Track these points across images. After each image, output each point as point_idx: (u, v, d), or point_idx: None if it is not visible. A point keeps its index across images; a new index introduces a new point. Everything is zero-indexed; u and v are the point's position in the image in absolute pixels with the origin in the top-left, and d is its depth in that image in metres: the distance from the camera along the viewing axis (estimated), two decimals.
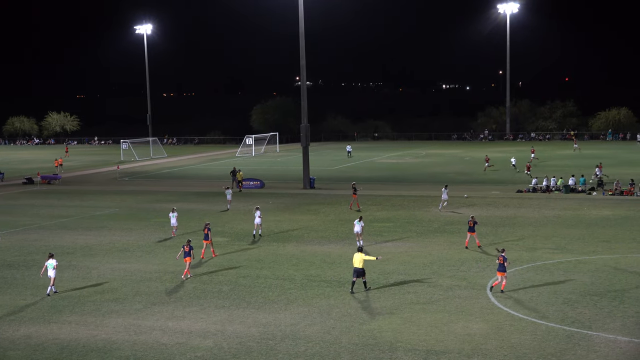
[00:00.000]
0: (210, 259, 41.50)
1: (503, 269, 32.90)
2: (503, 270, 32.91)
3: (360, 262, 33.42)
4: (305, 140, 74.36)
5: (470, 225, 42.80)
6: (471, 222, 42.85)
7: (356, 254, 33.84)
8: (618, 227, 48.47)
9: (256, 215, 47.75)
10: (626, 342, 26.29)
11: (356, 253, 33.99)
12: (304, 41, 74.03)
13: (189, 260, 36.82)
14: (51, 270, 34.19)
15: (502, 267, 32.85)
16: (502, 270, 32.93)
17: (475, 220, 43.09)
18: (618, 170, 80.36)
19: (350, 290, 33.70)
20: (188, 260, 36.81)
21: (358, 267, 33.44)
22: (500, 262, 32.89)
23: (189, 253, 36.69)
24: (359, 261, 33.44)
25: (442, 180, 78.17)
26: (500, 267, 32.95)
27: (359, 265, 33.41)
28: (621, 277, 35.24)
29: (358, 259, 33.49)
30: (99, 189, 76.38)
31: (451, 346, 26.10)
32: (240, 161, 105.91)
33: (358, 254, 33.74)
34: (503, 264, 32.83)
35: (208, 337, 27.74)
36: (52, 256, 34.76)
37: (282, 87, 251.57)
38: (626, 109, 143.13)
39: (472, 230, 42.82)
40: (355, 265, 33.55)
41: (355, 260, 33.58)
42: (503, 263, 32.83)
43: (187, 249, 36.69)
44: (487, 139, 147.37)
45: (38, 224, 54.43)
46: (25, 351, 26.64)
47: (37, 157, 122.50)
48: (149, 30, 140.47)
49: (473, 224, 42.79)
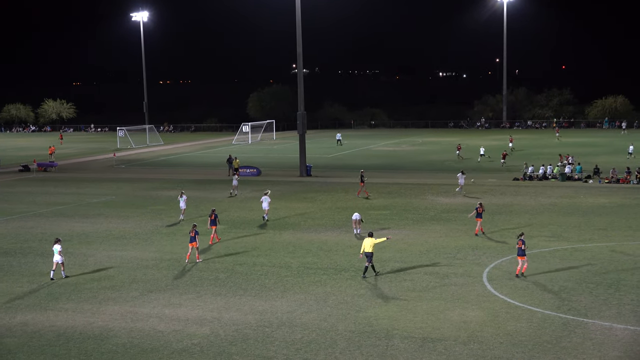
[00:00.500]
0: (215, 244, 41.90)
1: (523, 253, 33.44)
2: (523, 254, 33.43)
3: (371, 247, 33.86)
4: (301, 128, 74.30)
5: (479, 211, 43.11)
6: (480, 209, 43.16)
7: (366, 239, 34.21)
8: (614, 215, 48.55)
9: (264, 200, 48.65)
10: (622, 329, 26.36)
11: (366, 238, 34.34)
12: (300, 29, 73.85)
13: (194, 245, 37.24)
14: (56, 255, 34.39)
15: (522, 251, 33.40)
16: (522, 255, 33.44)
17: (483, 208, 43.52)
18: (614, 159, 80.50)
19: (363, 275, 34.20)
20: (194, 245, 37.28)
21: (368, 252, 33.88)
22: (520, 247, 33.42)
23: (194, 238, 37.11)
24: (369, 245, 33.87)
25: (439, 168, 78.36)
26: (520, 252, 33.45)
27: (369, 250, 33.84)
28: (617, 265, 35.31)
29: (369, 244, 33.92)
30: (96, 177, 76.30)
31: (447, 333, 26.16)
32: (236, 149, 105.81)
33: (369, 239, 34.12)
34: (522, 248, 33.34)
35: (205, 324, 27.77)
36: (57, 241, 34.91)
37: (278, 75, 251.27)
38: (622, 97, 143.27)
39: (479, 217, 43.16)
40: (365, 250, 33.97)
41: (366, 245, 33.99)
42: (522, 247, 33.33)
43: (192, 234, 37.15)
44: (483, 127, 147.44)
45: (34, 211, 54.38)
46: (22, 338, 26.65)
47: (34, 144, 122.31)
48: (145, 18, 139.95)
49: (482, 210, 43.16)
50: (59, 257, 34.42)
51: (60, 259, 34.53)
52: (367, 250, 33.98)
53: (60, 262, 34.60)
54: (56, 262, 34.54)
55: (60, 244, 34.74)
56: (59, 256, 34.41)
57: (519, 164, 72.43)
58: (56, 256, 34.41)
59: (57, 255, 34.38)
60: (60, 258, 34.48)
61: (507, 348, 24.67)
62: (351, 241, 41.89)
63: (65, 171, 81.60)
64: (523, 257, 33.52)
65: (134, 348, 25.46)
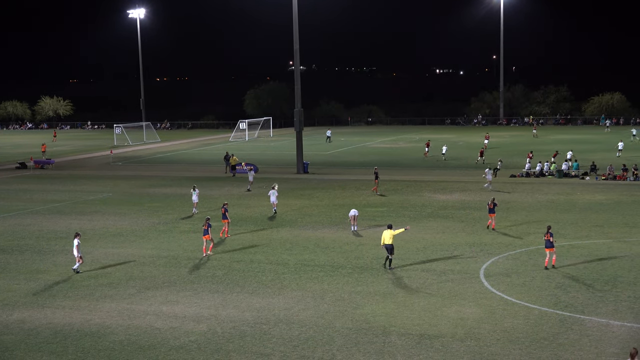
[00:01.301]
0: (226, 238, 42.66)
1: (551, 245, 34.09)
2: (551, 246, 34.09)
3: (390, 238, 34.67)
4: (298, 125, 74.28)
5: (490, 207, 43.40)
6: (491, 204, 43.43)
7: (385, 231, 35.04)
8: (611, 212, 48.60)
9: (272, 194, 50.14)
10: (619, 326, 26.40)
11: (385, 230, 35.12)
12: (297, 26, 73.82)
13: (207, 237, 38.02)
14: (73, 249, 34.87)
15: (550, 243, 34.04)
16: (550, 247, 34.08)
17: (495, 202, 43.74)
18: (612, 155, 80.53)
19: (384, 265, 35.18)
20: (207, 238, 38.04)
21: (388, 244, 34.68)
22: (548, 239, 33.97)
23: (207, 231, 37.81)
24: (389, 237, 34.69)
25: (436, 165, 78.33)
26: (548, 244, 34.07)
27: (389, 242, 34.66)
28: (614, 262, 35.36)
29: (388, 235, 34.75)
30: (92, 174, 76.23)
31: (444, 330, 26.18)
32: (233, 146, 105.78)
33: (388, 231, 34.94)
34: (550, 240, 33.98)
35: (202, 321, 27.77)
36: (76, 235, 35.40)
37: (275, 72, 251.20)
38: (619, 94, 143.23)
39: (492, 212, 43.44)
40: (385, 242, 34.77)
41: (385, 237, 34.82)
42: (550, 239, 33.95)
43: (205, 227, 37.84)
44: (480, 123, 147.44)
45: (31, 208, 54.34)
46: (19, 336, 26.64)
47: (30, 141, 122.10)
48: (142, 15, 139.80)
49: (493, 205, 43.42)
50: (75, 251, 34.80)
51: (77, 254, 34.91)
52: (386, 242, 34.79)
53: (79, 256, 35.04)
54: (78, 256, 35.07)
55: (78, 238, 35.18)
56: (75, 250, 34.79)
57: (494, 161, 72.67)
58: (74, 250, 34.90)
59: (74, 249, 34.84)
60: (76, 252, 34.85)
61: (504, 345, 24.70)
62: (348, 238, 41.91)
63: (62, 168, 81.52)
64: (551, 249, 34.19)
65: (131, 345, 25.46)
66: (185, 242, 41.58)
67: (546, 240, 34.17)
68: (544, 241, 34.47)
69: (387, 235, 34.84)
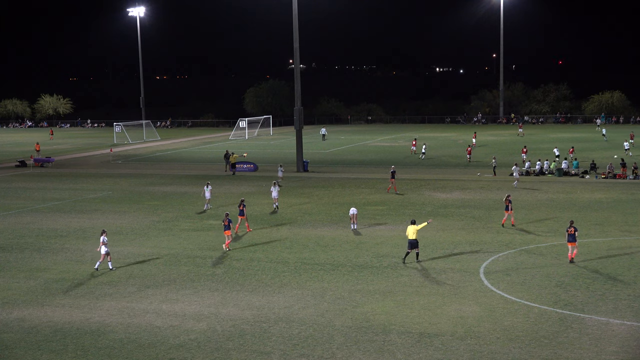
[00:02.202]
0: (245, 234, 43.20)
1: (574, 239, 34.68)
2: (574, 240, 34.68)
3: (414, 234, 35.22)
4: (298, 124, 74.28)
5: (507, 204, 43.72)
6: (507, 201, 43.75)
7: (410, 226, 35.52)
8: (610, 210, 48.60)
9: (273, 190, 50.97)
10: (618, 324, 26.41)
11: (409, 225, 35.63)
12: (297, 24, 73.79)
13: (228, 233, 38.77)
14: (102, 247, 34.89)
15: (573, 237, 34.67)
16: (572, 241, 34.70)
17: (510, 200, 44.05)
18: (610, 154, 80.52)
19: (403, 260, 35.64)
20: (227, 233, 38.80)
21: (412, 239, 35.23)
22: (571, 233, 34.62)
23: (228, 226, 38.53)
24: (412, 232, 35.22)
25: (436, 163, 78.33)
26: (571, 238, 34.69)
27: (412, 237, 35.18)
28: (613, 260, 35.36)
29: (412, 231, 35.28)
30: (92, 172, 76.23)
31: (444, 329, 26.19)
32: (233, 144, 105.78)
33: (411, 226, 35.44)
34: (574, 234, 34.61)
35: (202, 320, 27.78)
36: (102, 233, 35.51)
37: (275, 70, 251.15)
38: (619, 92, 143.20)
39: (507, 209, 43.76)
40: (409, 237, 35.27)
41: (409, 232, 35.35)
42: (574, 233, 34.60)
43: (225, 223, 38.55)
44: (480, 122, 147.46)
45: (31, 206, 54.35)
46: (19, 334, 26.65)
47: (30, 140, 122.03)
48: (141, 13, 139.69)
49: (509, 202, 43.71)
50: (103, 248, 34.84)
51: (105, 250, 34.93)
52: (410, 237, 35.27)
53: (103, 253, 35.03)
54: (103, 253, 35.02)
55: (105, 235, 35.21)
56: (103, 247, 34.83)
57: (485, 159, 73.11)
58: (101, 247, 34.90)
59: (102, 247, 34.84)
60: (104, 249, 34.88)
61: (504, 343, 24.71)
62: (348, 237, 41.91)
63: (62, 167, 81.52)
64: (574, 243, 34.74)
65: (131, 343, 25.46)
66: (185, 241, 41.58)
67: (569, 234, 34.71)
68: (567, 235, 34.97)
69: (411, 230, 35.39)
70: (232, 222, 39.08)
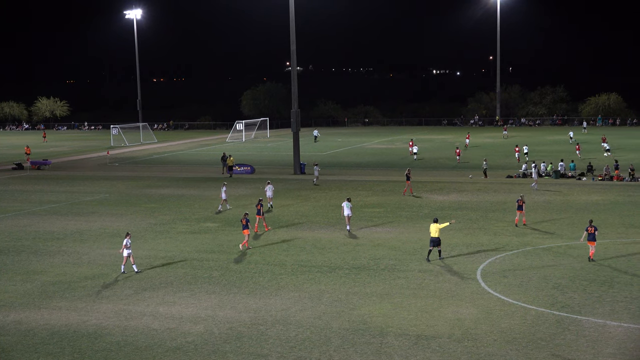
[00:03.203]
0: (264, 233, 44.09)
1: (594, 238, 35.43)
2: (594, 239, 35.42)
3: (437, 232, 35.98)
4: (295, 126, 74.28)
5: (520, 204, 44.39)
6: (520, 202, 44.49)
7: (432, 225, 36.27)
8: (607, 212, 48.62)
9: (268, 190, 51.98)
10: (615, 326, 26.43)
11: (432, 224, 36.36)
12: (294, 26, 73.81)
13: (246, 232, 39.29)
14: (124, 250, 34.80)
15: (593, 236, 35.40)
16: (593, 240, 35.42)
17: (524, 200, 44.94)
18: (607, 156, 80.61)
19: (427, 257, 36.37)
20: (246, 233, 39.31)
21: (434, 237, 36.03)
22: (591, 232, 35.37)
23: (246, 226, 39.07)
24: (435, 231, 35.99)
25: (433, 165, 78.37)
26: (591, 237, 35.38)
27: (435, 235, 35.96)
28: (610, 262, 35.38)
29: (434, 229, 36.06)
30: (89, 175, 76.17)
31: (441, 331, 26.19)
32: (230, 147, 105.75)
33: (434, 224, 36.19)
34: (593, 234, 35.38)
35: (199, 322, 27.75)
36: (126, 235, 35.41)
37: (272, 73, 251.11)
38: (616, 95, 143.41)
39: (520, 209, 44.48)
40: (432, 235, 36.10)
41: (432, 230, 36.15)
42: (593, 232, 35.37)
43: (244, 222, 39.05)
44: (477, 124, 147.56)
45: (28, 209, 54.29)
46: (16, 336, 26.60)
47: (27, 142, 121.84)
48: (138, 15, 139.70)
49: (522, 203, 44.49)
50: (125, 251, 34.78)
51: (127, 252, 34.85)
52: (433, 235, 36.06)
53: (125, 256, 34.94)
54: (125, 256, 34.93)
55: (129, 238, 35.17)
56: (125, 250, 34.77)
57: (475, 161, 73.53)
58: (123, 250, 34.84)
59: (124, 250, 34.80)
60: (127, 251, 34.81)
61: (501, 345, 24.71)
62: (345, 239, 41.90)
63: (59, 169, 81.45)
64: (593, 242, 35.49)
65: (127, 346, 25.44)
66: (182, 243, 41.56)
67: (589, 234, 35.37)
68: (586, 234, 35.64)
69: (433, 228, 36.07)
70: (250, 221, 39.67)
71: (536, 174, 61.41)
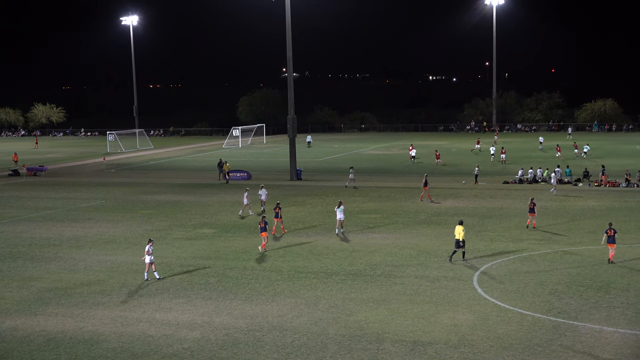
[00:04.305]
0: (282, 235, 45.07)
1: (613, 241, 36.13)
2: (614, 241, 36.11)
3: (461, 234, 36.75)
4: (292, 132, 74.28)
5: (531, 207, 45.39)
6: (531, 204, 45.26)
7: (457, 226, 37.16)
8: (604, 218, 48.62)
9: (262, 194, 53.62)
10: (612, 332, 26.44)
11: (457, 225, 37.28)
12: (290, 33, 73.86)
13: (264, 235, 40.03)
14: (146, 256, 34.70)
15: (613, 239, 36.11)
16: (613, 242, 36.11)
17: (535, 202, 45.61)
18: (604, 162, 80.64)
19: (449, 259, 37.24)
20: (264, 235, 40.03)
21: (459, 239, 36.74)
22: (611, 235, 36.11)
23: (264, 228, 39.80)
24: (459, 232, 36.83)
25: (430, 171, 78.33)
26: (610, 239, 36.11)
27: (460, 237, 36.70)
28: (607, 268, 35.41)
29: (459, 231, 36.91)
30: (86, 181, 76.10)
31: (438, 337, 26.18)
32: (227, 153, 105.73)
33: (459, 226, 37.07)
34: (613, 236, 36.10)
35: (195, 328, 27.73)
36: (148, 242, 35.31)
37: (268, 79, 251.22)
38: (611, 100, 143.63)
39: (532, 212, 45.29)
40: (456, 237, 36.94)
41: (457, 232, 36.98)
42: (613, 235, 36.10)
43: (262, 225, 39.82)
44: (473, 130, 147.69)
45: (24, 215, 54.22)
46: (12, 343, 26.56)
47: (23, 148, 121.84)
48: (135, 22, 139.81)
49: (533, 205, 45.24)
50: (147, 257, 34.69)
51: (149, 259, 34.75)
52: (457, 237, 36.87)
53: (148, 262, 34.85)
54: (147, 262, 34.87)
55: (151, 244, 35.06)
56: (147, 257, 34.68)
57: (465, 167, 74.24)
58: (145, 256, 34.76)
59: (146, 256, 34.70)
60: (149, 258, 34.71)
61: (498, 351, 24.71)
62: (341, 245, 41.90)
63: (55, 175, 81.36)
64: (613, 244, 36.14)
65: (124, 353, 25.40)
66: (178, 249, 41.52)
67: (609, 236, 35.99)
68: (606, 237, 36.24)
69: (458, 230, 36.89)
70: (268, 224, 40.26)
71: (555, 179, 61.45)
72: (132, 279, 35.14)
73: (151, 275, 35.16)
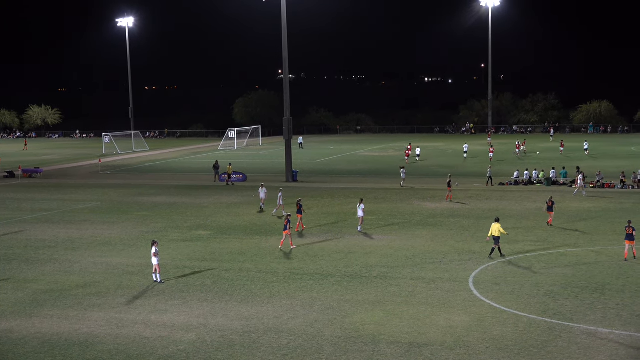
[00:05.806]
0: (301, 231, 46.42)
1: (632, 238, 36.53)
2: (632, 239, 36.54)
3: (498, 231, 37.95)
4: (287, 134, 74.28)
5: (549, 205, 46.75)
6: (550, 202, 46.81)
7: (494, 224, 38.34)
8: (599, 220, 48.73)
9: (261, 192, 54.90)
10: (607, 333, 26.47)
11: (494, 223, 38.46)
12: (286, 34, 73.86)
13: (287, 232, 40.98)
14: (153, 258, 34.57)
15: (631, 236, 36.50)
16: (631, 239, 36.55)
17: (553, 201, 46.90)
18: (599, 164, 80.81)
19: (489, 255, 38.31)
20: (287, 233, 41.03)
21: (496, 236, 37.98)
22: (630, 232, 36.50)
23: (286, 227, 40.78)
24: (496, 230, 37.99)
25: (425, 173, 78.43)
26: (629, 236, 36.55)
27: (497, 234, 37.92)
28: (602, 270, 35.45)
29: (496, 228, 38.06)
30: (81, 183, 76.01)
31: (433, 338, 26.19)
32: (222, 154, 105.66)
33: (495, 224, 38.25)
34: (632, 234, 36.48)
35: (191, 330, 27.70)
36: (153, 243, 35.04)
37: (264, 80, 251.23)
38: (607, 102, 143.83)
39: (550, 210, 46.77)
40: (493, 234, 38.07)
41: (494, 229, 38.12)
42: (632, 232, 36.49)
43: (285, 223, 40.77)
44: (469, 132, 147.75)
45: (19, 217, 54.13)
46: (7, 345, 26.51)
47: (18, 150, 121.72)
48: (130, 23, 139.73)
49: (552, 203, 46.83)
50: (154, 259, 34.58)
51: (155, 261, 34.61)
52: (494, 234, 37.97)
53: (155, 264, 34.72)
54: (155, 264, 34.76)
55: (155, 246, 34.82)
56: (154, 259, 34.57)
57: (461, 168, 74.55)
58: (153, 258, 34.66)
59: (153, 258, 34.59)
60: (155, 260, 34.59)
61: (493, 353, 24.73)
62: (337, 247, 41.89)
63: (51, 177, 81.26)
64: (632, 241, 36.58)
65: (119, 354, 25.37)
66: (174, 251, 41.48)
67: (628, 234, 36.46)
68: (625, 234, 36.87)
69: (495, 228, 37.98)
70: (290, 222, 41.00)
71: (581, 180, 60.94)
72: (127, 281, 35.09)
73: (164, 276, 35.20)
